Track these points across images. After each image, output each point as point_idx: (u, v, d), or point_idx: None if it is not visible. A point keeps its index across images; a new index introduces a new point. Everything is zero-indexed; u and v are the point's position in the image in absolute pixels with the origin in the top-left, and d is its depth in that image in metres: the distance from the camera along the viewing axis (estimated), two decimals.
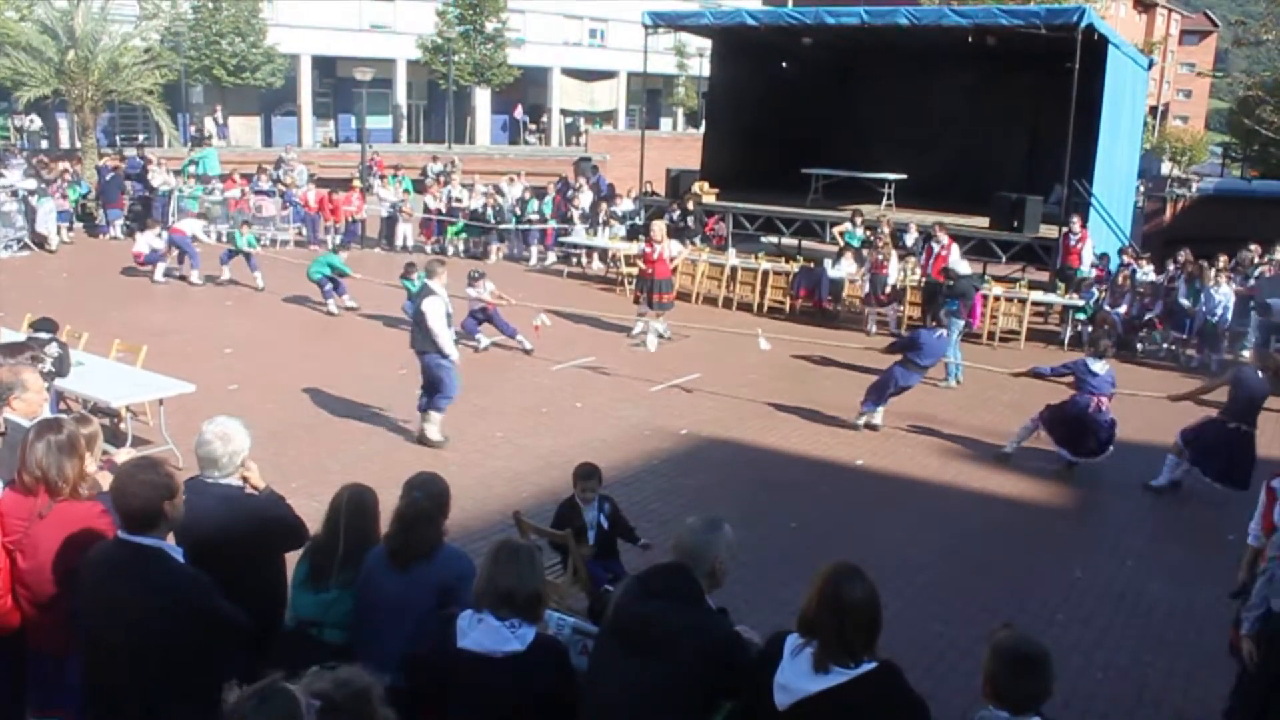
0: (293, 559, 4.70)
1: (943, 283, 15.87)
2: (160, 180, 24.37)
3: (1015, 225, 19.35)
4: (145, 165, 24.93)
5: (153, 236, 19.31)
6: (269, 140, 43.81)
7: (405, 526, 4.38)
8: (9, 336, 9.87)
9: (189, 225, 19.57)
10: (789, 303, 18.81)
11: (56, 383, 9.10)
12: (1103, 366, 10.59)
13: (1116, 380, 10.83)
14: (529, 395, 12.86)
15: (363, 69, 34.48)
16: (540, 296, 16.67)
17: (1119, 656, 7.07)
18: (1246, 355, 16.54)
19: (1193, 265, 17.43)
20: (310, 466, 9.71)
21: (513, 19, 46.71)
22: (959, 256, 16.30)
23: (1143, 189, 33.29)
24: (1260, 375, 10.07)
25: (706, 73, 28.28)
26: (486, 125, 51.57)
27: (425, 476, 4.55)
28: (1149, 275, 17.75)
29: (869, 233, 19.15)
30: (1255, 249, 18.19)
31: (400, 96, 48.72)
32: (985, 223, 19.92)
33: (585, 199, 24.52)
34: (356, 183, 25.69)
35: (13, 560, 4.24)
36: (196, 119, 40.90)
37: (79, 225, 23.71)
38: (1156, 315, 16.99)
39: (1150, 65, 27.03)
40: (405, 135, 48.72)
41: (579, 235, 22.73)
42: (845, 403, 12.89)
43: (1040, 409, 10.99)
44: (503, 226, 23.48)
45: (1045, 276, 19.39)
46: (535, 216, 23.68)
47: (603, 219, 23.47)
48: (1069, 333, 17.48)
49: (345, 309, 17.16)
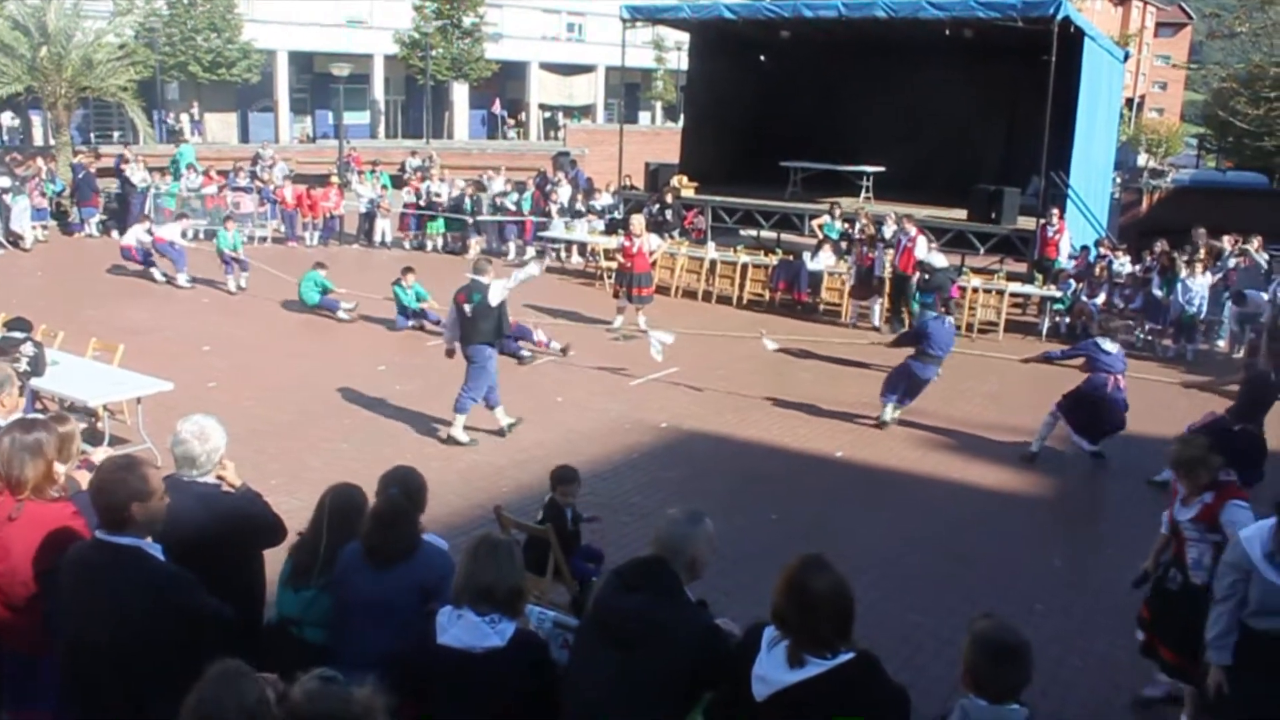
0: (277, 556, 4.69)
1: (911, 275, 15.96)
2: (139, 178, 24.19)
3: (993, 217, 19.43)
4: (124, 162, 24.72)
5: (142, 231, 19.14)
6: (246, 137, 43.58)
7: (383, 525, 4.33)
8: None
9: (168, 231, 19.34)
10: (768, 295, 18.85)
11: (32, 382, 9.05)
12: (1113, 346, 10.59)
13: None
14: (509, 390, 12.82)
15: (340, 64, 34.32)
16: (520, 292, 16.58)
17: (1097, 645, 7.11)
18: (1221, 344, 16.73)
19: (1165, 257, 17.54)
20: (290, 464, 9.68)
21: (490, 13, 46.57)
22: (926, 248, 16.35)
23: (1119, 180, 33.45)
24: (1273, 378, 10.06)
25: (685, 66, 28.27)
26: (465, 120, 51.42)
27: (402, 472, 4.50)
28: (1125, 266, 17.84)
29: (848, 225, 19.20)
30: (1229, 240, 18.32)
31: (378, 92, 48.52)
32: (963, 215, 19.99)
33: (564, 193, 24.49)
34: (334, 179, 25.62)
35: None
36: (173, 116, 40.64)
37: (53, 223, 23.51)
38: (1135, 307, 17.08)
39: (1126, 57, 27.15)
40: (383, 131, 48.52)
41: (557, 229, 22.70)
42: (824, 395, 12.95)
43: (1056, 399, 10.87)
44: (481, 218, 23.44)
45: (1023, 268, 19.47)
46: (513, 207, 23.67)
47: (581, 210, 23.47)
48: (1047, 324, 17.57)
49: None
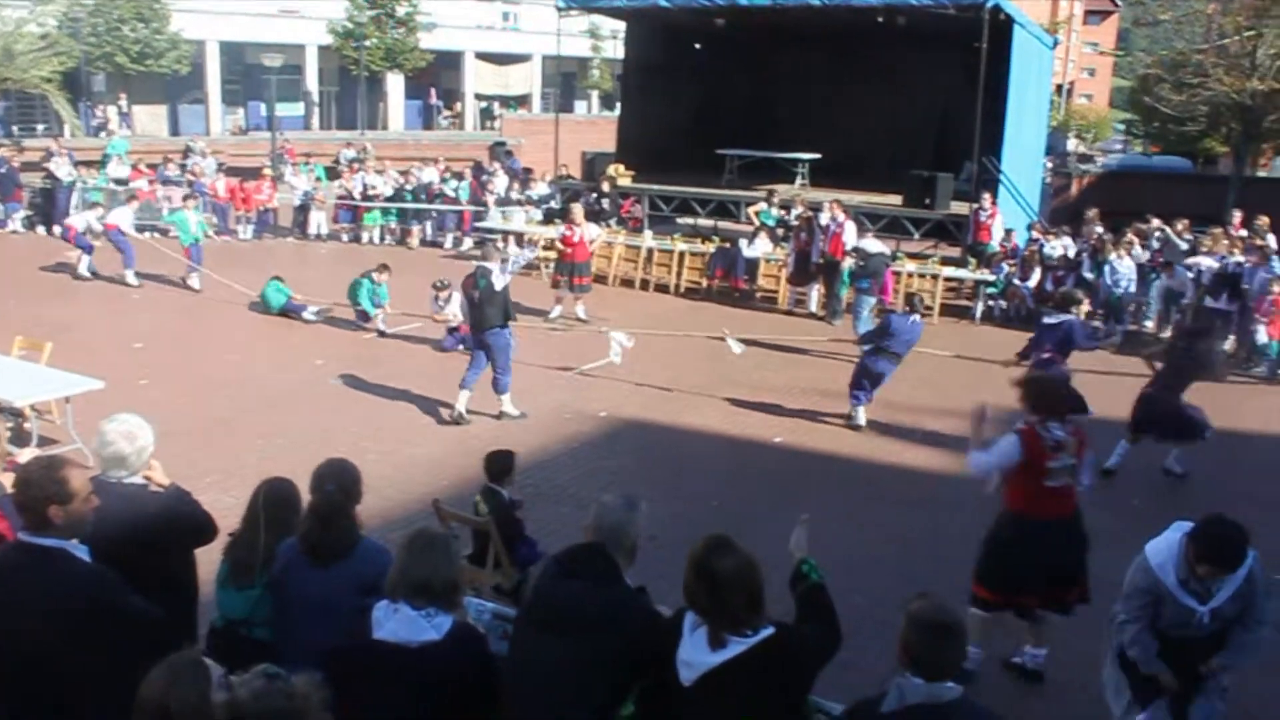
0: (210, 556, 4.62)
1: (841, 260, 16.14)
2: (64, 172, 23.63)
3: (927, 203, 19.66)
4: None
5: (93, 217, 18.63)
6: (176, 129, 42.77)
7: (321, 522, 4.26)
8: None
9: (120, 218, 18.58)
10: (705, 283, 18.92)
11: None
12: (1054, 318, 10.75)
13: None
14: (447, 381, 12.77)
15: (271, 55, 33.72)
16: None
17: None
18: (1149, 325, 17.07)
19: (1095, 239, 17.87)
20: (225, 461, 9.53)
21: (424, 3, 46.05)
22: (856, 234, 16.49)
23: (1050, 165, 33.98)
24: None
25: (621, 55, 28.20)
26: (400, 111, 50.92)
27: (336, 466, 4.39)
28: (1056, 249, 18.13)
29: (784, 212, 19.30)
30: (1156, 222, 18.69)
31: (311, 83, 47.85)
32: (898, 200, 20.20)
33: (500, 183, 24.37)
34: (268, 171, 25.24)
35: None
36: (100, 108, 39.78)
37: None
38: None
39: (1055, 44, 27.55)
40: (317, 122, 47.91)
41: (494, 219, 22.60)
42: (764, 382, 13.03)
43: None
44: (420, 206, 23.30)
45: (957, 252, 19.72)
46: (452, 195, 23.53)
47: (519, 200, 23.40)
48: (980, 307, 17.82)
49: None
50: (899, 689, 3.35)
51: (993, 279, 17.82)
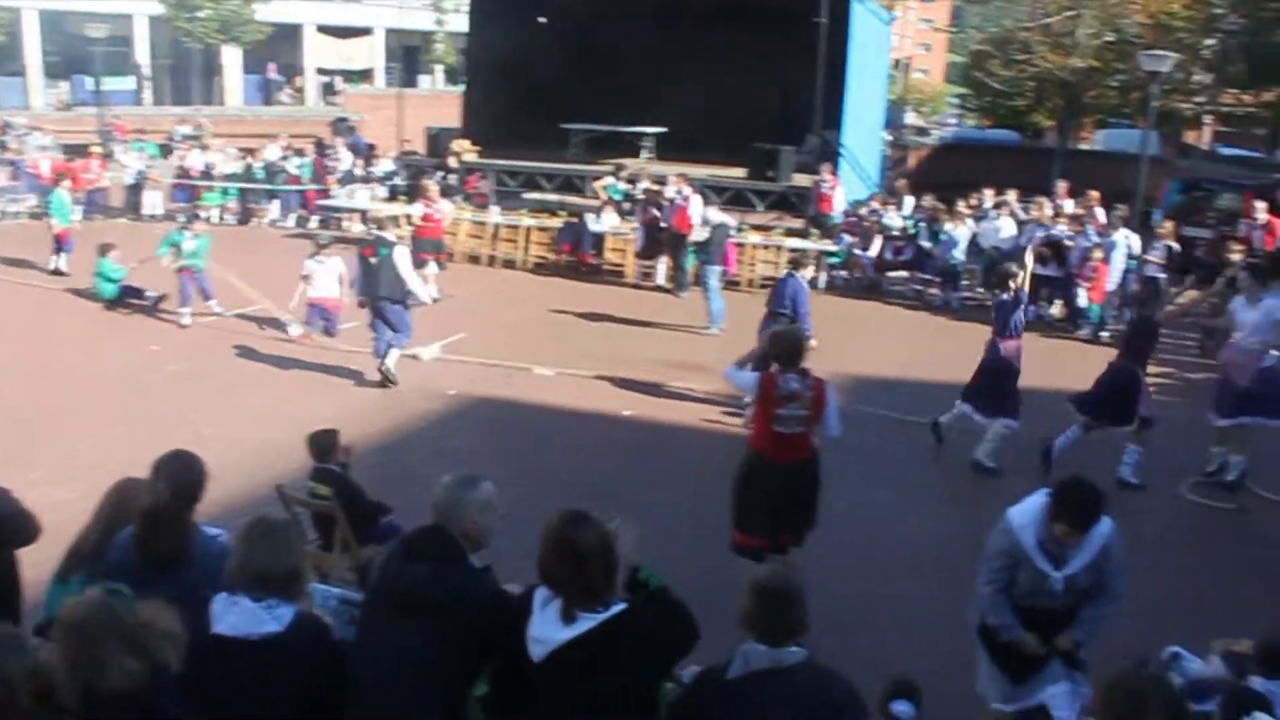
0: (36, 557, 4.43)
1: (687, 234, 16.35)
2: None
3: (770, 175, 20.03)
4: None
5: None
6: None
7: (153, 527, 4.00)
8: None
9: None
10: (553, 258, 18.93)
11: None
12: None
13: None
14: (290, 362, 12.51)
15: (96, 25, 32.14)
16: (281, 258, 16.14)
17: (869, 582, 7.52)
18: (982, 291, 17.73)
19: (931, 210, 18.51)
20: (57, 454, 9.14)
21: None
22: (701, 205, 16.67)
23: (889, 138, 34.93)
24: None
25: (465, 29, 27.79)
26: (239, 86, 49.07)
27: (175, 464, 4.14)
28: (896, 220, 18.70)
29: (630, 186, 19.40)
30: (988, 193, 19.40)
31: (142, 55, 45.69)
32: (743, 173, 20.51)
33: (344, 160, 23.82)
34: (96, 149, 24.11)
35: None
36: None
37: None
38: (905, 259, 17.99)
39: (891, 20, 28.31)
40: (149, 97, 45.85)
41: (339, 198, 22.09)
42: (613, 354, 13.11)
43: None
44: (264, 186, 22.64)
45: (800, 224, 20.12)
46: (296, 174, 22.92)
47: (363, 177, 22.94)
48: (824, 278, 18.25)
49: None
50: (743, 655, 3.41)
51: (835, 249, 18.28)
